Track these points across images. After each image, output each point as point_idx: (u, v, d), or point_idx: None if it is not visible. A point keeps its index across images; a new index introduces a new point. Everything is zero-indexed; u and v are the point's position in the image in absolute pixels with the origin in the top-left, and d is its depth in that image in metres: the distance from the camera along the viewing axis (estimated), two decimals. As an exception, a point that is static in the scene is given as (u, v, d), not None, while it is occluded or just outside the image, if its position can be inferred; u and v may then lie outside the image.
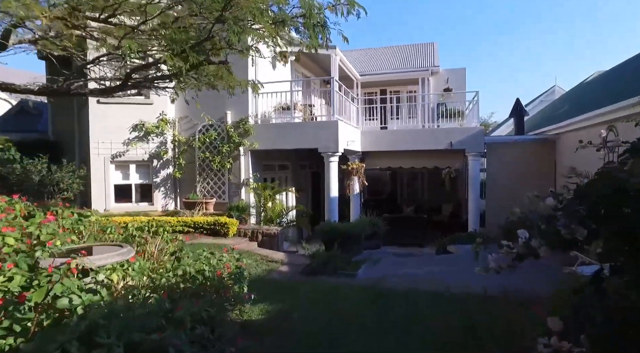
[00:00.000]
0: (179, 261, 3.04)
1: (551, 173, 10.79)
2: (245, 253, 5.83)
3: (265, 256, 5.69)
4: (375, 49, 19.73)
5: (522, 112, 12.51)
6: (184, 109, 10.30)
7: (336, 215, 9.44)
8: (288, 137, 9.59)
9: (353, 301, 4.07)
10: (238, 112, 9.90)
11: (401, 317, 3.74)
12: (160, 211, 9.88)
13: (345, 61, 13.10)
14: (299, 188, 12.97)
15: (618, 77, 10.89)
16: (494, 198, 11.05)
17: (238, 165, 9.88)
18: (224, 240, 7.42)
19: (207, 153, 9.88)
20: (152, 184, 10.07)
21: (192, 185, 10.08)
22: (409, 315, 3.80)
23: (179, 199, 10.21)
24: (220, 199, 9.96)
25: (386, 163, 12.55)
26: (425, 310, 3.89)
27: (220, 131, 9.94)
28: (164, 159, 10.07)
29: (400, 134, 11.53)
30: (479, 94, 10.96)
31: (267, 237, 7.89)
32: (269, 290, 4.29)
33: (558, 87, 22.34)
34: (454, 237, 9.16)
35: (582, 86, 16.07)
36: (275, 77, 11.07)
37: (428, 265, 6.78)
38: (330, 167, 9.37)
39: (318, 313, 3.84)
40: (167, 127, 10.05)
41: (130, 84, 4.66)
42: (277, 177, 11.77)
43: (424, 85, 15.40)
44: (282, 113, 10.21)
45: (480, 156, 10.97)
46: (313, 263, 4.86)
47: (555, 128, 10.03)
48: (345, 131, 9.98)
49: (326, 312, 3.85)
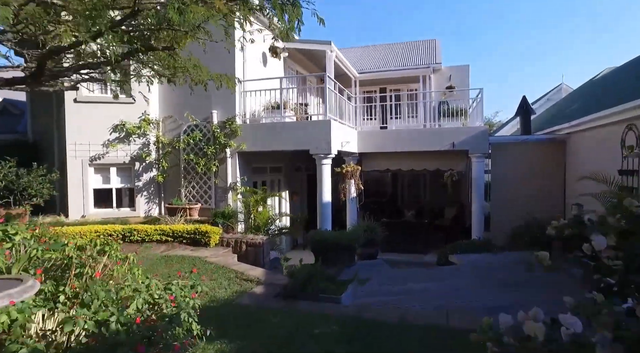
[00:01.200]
0: (82, 307, 2.38)
1: (560, 174, 10.08)
2: (219, 269, 5.20)
3: (241, 273, 5.04)
4: (375, 46, 19.04)
5: (529, 110, 11.79)
6: (169, 108, 9.70)
7: (329, 222, 8.78)
8: (277, 138, 8.94)
9: (329, 339, 3.38)
10: (225, 111, 9.28)
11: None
12: (142, 217, 9.27)
13: (342, 57, 12.44)
14: (293, 191, 12.34)
15: (637, 73, 10.13)
16: (500, 201, 10.36)
17: (225, 168, 9.25)
18: (203, 251, 6.78)
19: (192, 155, 9.26)
20: (134, 189, 9.46)
21: (177, 189, 9.47)
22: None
23: (163, 204, 9.60)
24: (206, 204, 9.34)
25: (384, 164, 11.87)
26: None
27: (205, 132, 9.32)
28: (146, 162, 9.46)
29: (400, 134, 10.85)
30: (483, 92, 10.27)
31: (251, 247, 7.25)
32: (233, 321, 3.62)
33: (565, 86, 21.54)
34: (456, 245, 8.48)
35: (593, 83, 15.31)
36: (267, 74, 10.44)
37: (426, 281, 6.11)
38: (323, 170, 8.72)
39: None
40: (150, 127, 9.44)
41: (48, 74, 3.98)
42: (268, 180, 11.12)
43: (425, 83, 14.70)
44: (273, 112, 9.56)
45: (484, 157, 10.27)
46: (291, 283, 4.22)
47: (566, 127, 9.32)
48: (340, 132, 9.32)
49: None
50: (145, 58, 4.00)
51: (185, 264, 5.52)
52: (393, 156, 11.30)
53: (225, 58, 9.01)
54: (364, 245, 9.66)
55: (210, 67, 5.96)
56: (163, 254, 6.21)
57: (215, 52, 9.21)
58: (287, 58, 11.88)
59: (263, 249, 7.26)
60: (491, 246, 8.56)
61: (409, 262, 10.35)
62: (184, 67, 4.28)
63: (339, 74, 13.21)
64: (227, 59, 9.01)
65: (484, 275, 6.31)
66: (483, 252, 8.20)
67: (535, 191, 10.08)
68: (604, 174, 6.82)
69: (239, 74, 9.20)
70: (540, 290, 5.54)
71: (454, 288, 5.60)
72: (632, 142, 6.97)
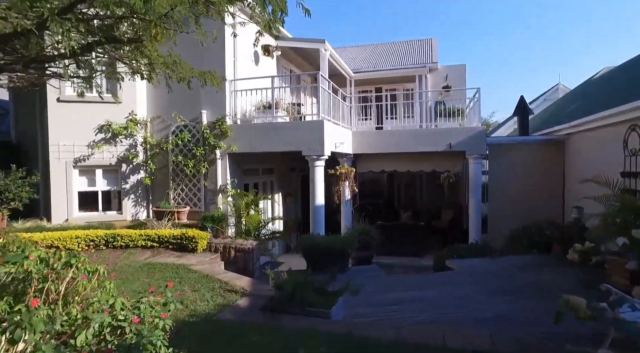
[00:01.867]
0: (12, 344, 2.05)
1: (559, 175, 9.87)
2: (203, 279, 4.90)
3: (225, 283, 4.73)
4: (370, 45, 18.78)
5: (527, 111, 11.57)
6: (157, 108, 9.38)
7: (322, 226, 8.49)
8: (269, 139, 8.64)
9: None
10: (215, 111, 8.97)
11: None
12: (129, 221, 8.94)
13: (337, 56, 12.17)
14: (287, 193, 12.05)
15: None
16: (498, 203, 10.15)
17: (215, 170, 8.94)
18: (189, 258, 6.48)
19: (181, 157, 8.95)
20: (121, 191, 9.13)
21: (166, 192, 9.15)
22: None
23: (151, 207, 9.28)
24: (195, 207, 9.03)
25: (380, 166, 11.60)
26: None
27: (195, 133, 9.01)
28: (134, 164, 9.13)
29: (395, 135, 10.58)
30: (480, 91, 10.01)
31: (240, 253, 6.95)
32: (213, 339, 3.32)
33: (562, 86, 21.42)
34: (453, 250, 8.21)
35: (591, 83, 15.12)
36: (259, 74, 10.15)
37: (422, 288, 5.84)
38: (316, 172, 8.43)
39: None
40: (137, 128, 9.11)
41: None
42: (261, 182, 10.83)
43: (421, 82, 14.46)
44: (265, 113, 9.25)
45: (482, 158, 10.03)
46: (277, 296, 3.92)
47: (565, 128, 9.10)
48: (333, 132, 9.04)
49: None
50: (113, 52, 3.68)
51: (169, 272, 5.21)
52: (389, 157, 11.04)
53: (214, 57, 8.73)
54: (358, 248, 9.39)
55: (199, 66, 5.68)
56: (146, 261, 5.89)
57: (205, 50, 8.95)
58: (280, 57, 11.59)
59: (253, 255, 6.96)
60: (489, 250, 8.31)
61: (405, 266, 10.09)
62: (164, 63, 3.97)
63: (333, 73, 12.94)
64: (216, 58, 8.72)
65: (482, 281, 6.06)
66: (481, 256, 7.94)
67: (534, 193, 9.86)
68: (605, 176, 6.59)
69: (229, 73, 8.90)
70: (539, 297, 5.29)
71: (452, 296, 5.34)
72: (636, 143, 6.74)
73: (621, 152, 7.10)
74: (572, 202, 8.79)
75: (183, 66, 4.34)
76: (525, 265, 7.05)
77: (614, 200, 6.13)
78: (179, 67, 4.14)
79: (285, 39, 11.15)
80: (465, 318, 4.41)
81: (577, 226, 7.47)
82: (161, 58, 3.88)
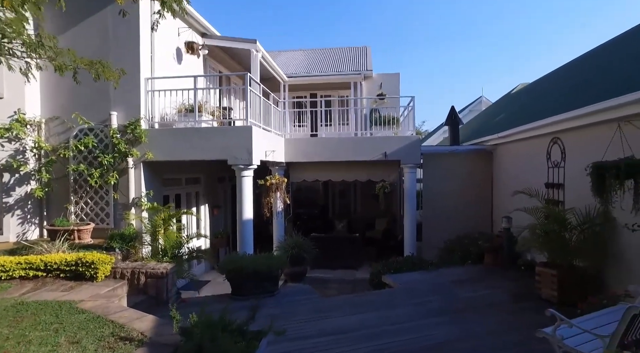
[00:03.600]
0: None
1: (488, 183, 10.13)
2: (92, 321, 3.86)
3: (121, 326, 3.74)
4: (306, 50, 18.39)
5: (457, 120, 11.84)
6: (55, 108, 7.95)
7: (250, 244, 7.69)
8: (191, 146, 7.67)
9: None
10: (127, 113, 7.77)
11: None
12: (12, 242, 7.38)
13: (269, 58, 11.48)
14: (214, 205, 11.02)
15: (559, 88, 10.54)
16: (431, 212, 10.14)
17: (126, 180, 7.72)
18: (83, 290, 5.29)
19: (84, 165, 7.61)
20: (2, 207, 7.53)
21: (64, 207, 7.72)
22: None
23: (46, 225, 7.77)
24: (102, 224, 7.73)
25: (314, 175, 11.09)
26: None
27: (102, 137, 7.74)
28: (21, 173, 7.59)
29: (331, 143, 10.14)
30: (414, 100, 9.96)
31: (152, 279, 5.91)
32: None
33: (484, 98, 22.88)
34: (389, 264, 7.91)
35: (510, 97, 16.12)
36: (182, 73, 9.11)
37: (360, 311, 5.35)
38: (244, 183, 7.63)
39: None
40: (27, 130, 7.60)
41: None
42: (184, 193, 9.72)
43: (356, 89, 14.31)
44: (188, 116, 8.23)
45: (416, 167, 9.97)
46: (183, 347, 3.11)
47: (494, 138, 9.32)
48: (264, 139, 8.32)
49: None
50: None
51: (45, 315, 4.01)
52: (323, 165, 10.56)
53: (127, 52, 7.58)
54: (292, 263, 8.76)
55: (111, 62, 4.68)
56: (19, 299, 4.62)
57: (115, 45, 7.77)
58: (207, 57, 10.62)
59: (167, 280, 5.96)
60: (424, 262, 8.15)
61: (340, 280, 9.65)
62: (28, 43, 2.99)
63: (266, 77, 12.22)
64: (130, 54, 7.58)
65: (422, 300, 5.75)
66: (417, 270, 7.73)
67: (466, 203, 9.99)
68: (530, 187, 6.71)
69: (145, 71, 7.81)
70: (480, 315, 5.06)
71: (391, 321, 4.90)
72: (557, 155, 6.94)
73: (545, 163, 7.31)
74: (501, 211, 8.99)
75: (64, 53, 3.37)
76: (461, 279, 6.93)
77: (542, 211, 6.20)
78: (54, 51, 3.17)
79: (214, 37, 10.22)
80: (407, 350, 3.97)
81: (506, 237, 7.57)
82: (22, 34, 2.91)
